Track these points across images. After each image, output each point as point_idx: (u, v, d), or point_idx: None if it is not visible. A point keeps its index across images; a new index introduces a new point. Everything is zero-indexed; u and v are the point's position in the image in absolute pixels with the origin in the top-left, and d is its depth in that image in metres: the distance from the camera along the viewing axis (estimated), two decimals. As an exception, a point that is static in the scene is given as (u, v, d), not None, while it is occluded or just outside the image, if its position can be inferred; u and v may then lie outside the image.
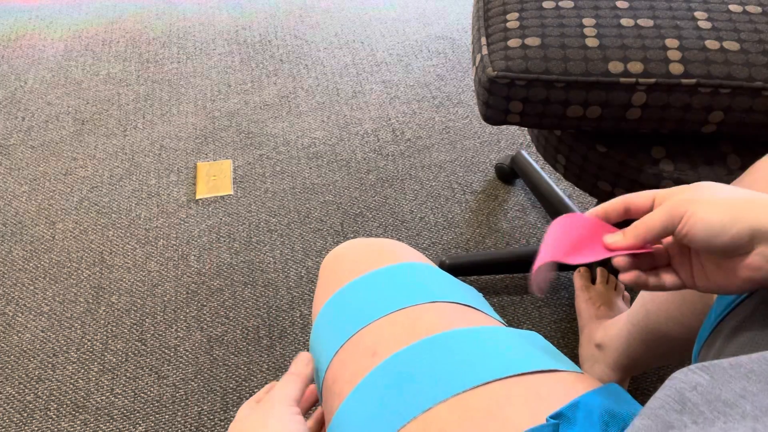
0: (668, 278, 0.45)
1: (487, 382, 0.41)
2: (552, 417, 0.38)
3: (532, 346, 0.46)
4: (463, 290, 0.54)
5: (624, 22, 0.77)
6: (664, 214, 0.42)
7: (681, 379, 0.31)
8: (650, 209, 0.44)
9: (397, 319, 0.47)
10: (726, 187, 0.42)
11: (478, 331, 0.45)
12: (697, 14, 0.78)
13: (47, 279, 1.19)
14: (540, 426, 0.37)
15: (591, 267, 1.10)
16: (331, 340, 0.50)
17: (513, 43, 0.78)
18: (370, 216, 1.30)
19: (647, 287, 0.45)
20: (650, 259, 0.46)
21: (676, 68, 0.73)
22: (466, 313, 0.48)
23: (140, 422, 0.99)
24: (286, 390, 0.47)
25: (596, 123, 0.78)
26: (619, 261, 0.45)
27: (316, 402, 0.55)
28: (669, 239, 0.45)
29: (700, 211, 0.39)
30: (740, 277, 0.40)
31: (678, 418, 0.29)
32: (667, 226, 0.41)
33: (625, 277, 0.45)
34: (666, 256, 0.45)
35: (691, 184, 0.43)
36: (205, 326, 1.11)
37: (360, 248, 0.56)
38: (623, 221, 0.47)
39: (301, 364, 0.50)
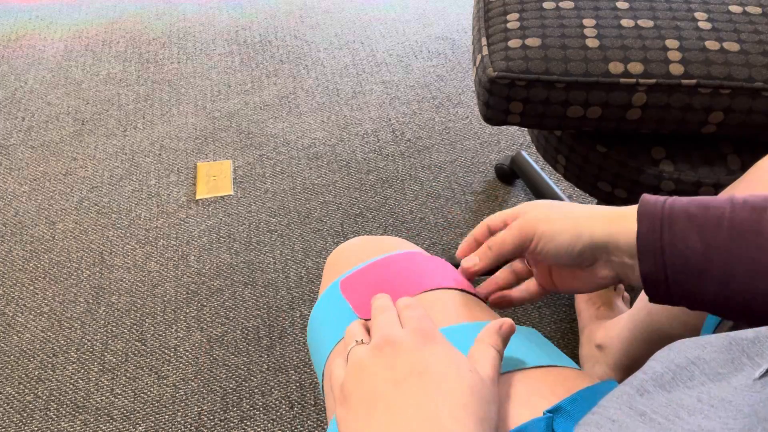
0: (531, 288, 0.50)
1: None
2: (551, 411, 0.38)
3: (531, 343, 0.46)
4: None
5: (624, 22, 0.77)
6: (515, 236, 0.45)
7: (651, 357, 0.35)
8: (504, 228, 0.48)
9: None
10: (565, 205, 0.45)
11: (480, 327, 0.45)
12: (698, 15, 0.78)
13: (47, 279, 1.19)
14: (535, 419, 0.38)
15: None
16: (329, 336, 0.50)
17: (513, 43, 0.78)
18: (370, 216, 1.30)
19: (512, 304, 0.50)
20: (513, 276, 0.51)
21: (677, 69, 0.73)
22: (468, 305, 0.48)
23: (140, 422, 0.98)
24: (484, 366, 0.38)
25: (596, 123, 0.78)
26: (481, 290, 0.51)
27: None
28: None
29: (549, 230, 0.43)
30: (591, 282, 0.45)
31: (640, 376, 0.33)
32: (519, 245, 0.45)
33: (492, 299, 0.51)
34: (527, 269, 0.50)
35: (533, 202, 0.47)
36: (205, 326, 1.11)
37: (362, 244, 0.56)
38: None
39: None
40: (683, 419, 0.27)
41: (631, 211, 0.42)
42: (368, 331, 0.42)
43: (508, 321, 0.42)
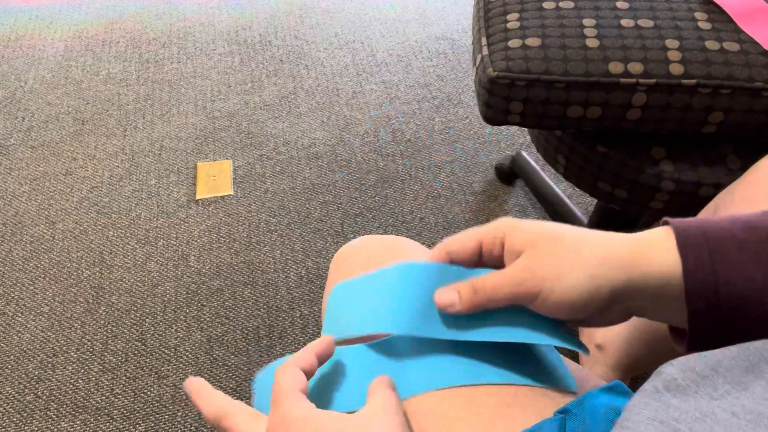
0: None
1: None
2: (561, 411, 0.38)
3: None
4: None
5: (624, 22, 0.77)
6: (511, 290, 0.38)
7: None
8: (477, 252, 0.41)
9: None
10: (571, 244, 0.37)
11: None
12: (697, 15, 0.78)
13: (47, 279, 1.19)
14: (548, 419, 0.38)
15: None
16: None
17: (513, 43, 0.78)
18: (370, 216, 1.30)
19: None
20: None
21: (677, 69, 0.73)
22: None
23: (140, 422, 0.98)
24: (283, 384, 0.38)
25: (596, 123, 0.78)
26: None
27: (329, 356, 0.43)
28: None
29: (558, 291, 0.36)
30: (596, 323, 0.39)
31: (659, 384, 0.30)
32: (515, 300, 0.38)
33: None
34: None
35: (531, 233, 0.38)
36: (205, 326, 1.11)
37: (373, 245, 0.55)
38: None
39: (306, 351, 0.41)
40: None
41: (646, 246, 0.36)
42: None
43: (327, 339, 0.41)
